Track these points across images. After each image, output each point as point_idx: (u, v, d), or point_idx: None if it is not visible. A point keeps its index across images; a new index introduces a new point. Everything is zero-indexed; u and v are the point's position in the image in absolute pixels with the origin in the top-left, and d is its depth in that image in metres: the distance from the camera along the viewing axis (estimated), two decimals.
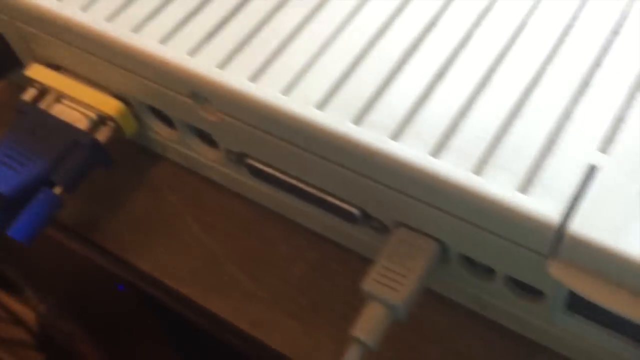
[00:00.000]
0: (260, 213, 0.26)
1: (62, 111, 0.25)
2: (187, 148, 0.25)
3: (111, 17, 0.22)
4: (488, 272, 0.20)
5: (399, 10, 0.21)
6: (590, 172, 0.17)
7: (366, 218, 0.21)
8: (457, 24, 0.21)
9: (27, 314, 0.70)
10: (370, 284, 0.19)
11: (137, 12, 0.22)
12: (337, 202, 0.21)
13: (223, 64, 0.20)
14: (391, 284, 0.19)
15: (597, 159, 0.17)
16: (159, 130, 0.25)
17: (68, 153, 0.24)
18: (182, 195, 0.27)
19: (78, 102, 0.25)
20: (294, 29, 0.21)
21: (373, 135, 0.18)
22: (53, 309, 0.72)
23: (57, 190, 0.23)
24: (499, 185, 0.17)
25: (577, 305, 0.18)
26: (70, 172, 0.23)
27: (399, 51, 0.20)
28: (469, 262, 0.20)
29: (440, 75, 0.20)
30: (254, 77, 0.20)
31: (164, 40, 0.21)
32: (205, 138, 0.24)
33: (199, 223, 0.26)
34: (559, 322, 0.19)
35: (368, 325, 0.19)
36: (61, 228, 0.27)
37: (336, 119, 0.19)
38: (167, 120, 0.25)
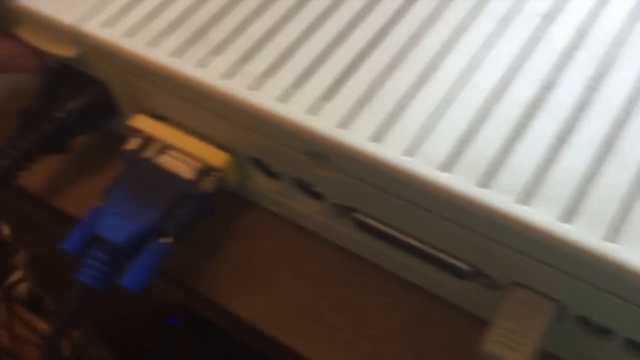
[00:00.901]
0: (356, 262, 0.26)
1: (169, 162, 0.25)
2: (287, 199, 0.26)
3: (228, 75, 0.23)
4: (604, 332, 0.20)
5: (516, 69, 0.22)
6: None
7: (477, 275, 0.22)
8: (576, 83, 0.21)
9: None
10: (492, 345, 0.20)
11: (253, 69, 0.23)
12: (450, 259, 0.22)
13: (343, 124, 0.21)
14: (513, 345, 0.19)
15: None
16: (259, 181, 0.26)
17: (178, 204, 0.24)
18: (277, 243, 0.27)
19: (184, 153, 0.25)
20: (411, 87, 0.22)
21: (501, 199, 0.19)
22: (87, 334, 0.72)
23: (168, 240, 0.24)
24: (635, 254, 0.17)
25: None
26: (181, 223, 0.24)
27: (520, 110, 0.21)
28: (585, 322, 0.21)
29: (565, 135, 0.20)
30: (376, 137, 0.21)
31: (282, 98, 0.22)
32: (307, 189, 0.25)
33: (296, 271, 0.26)
34: None
35: None
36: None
37: (462, 182, 0.19)
38: (268, 171, 0.26)
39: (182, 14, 0.25)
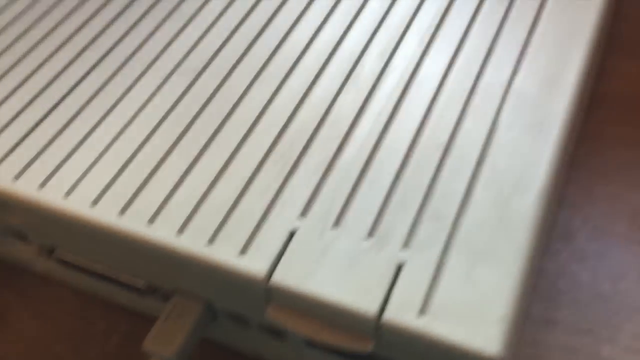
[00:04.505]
0: (83, 296, 0.30)
1: None
2: (8, 245, 0.29)
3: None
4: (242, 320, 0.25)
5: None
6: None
7: (152, 290, 0.26)
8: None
9: None
10: (149, 342, 0.24)
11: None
12: (128, 280, 0.26)
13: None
14: (165, 343, 0.23)
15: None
16: None
17: None
18: (14, 289, 0.30)
19: None
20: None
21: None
22: None
23: None
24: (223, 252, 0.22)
25: None
26: None
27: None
28: (236, 318, 0.25)
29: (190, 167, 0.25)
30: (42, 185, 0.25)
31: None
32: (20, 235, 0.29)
33: (31, 312, 0.30)
34: None
35: None
36: None
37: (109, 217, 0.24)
38: None
39: None
